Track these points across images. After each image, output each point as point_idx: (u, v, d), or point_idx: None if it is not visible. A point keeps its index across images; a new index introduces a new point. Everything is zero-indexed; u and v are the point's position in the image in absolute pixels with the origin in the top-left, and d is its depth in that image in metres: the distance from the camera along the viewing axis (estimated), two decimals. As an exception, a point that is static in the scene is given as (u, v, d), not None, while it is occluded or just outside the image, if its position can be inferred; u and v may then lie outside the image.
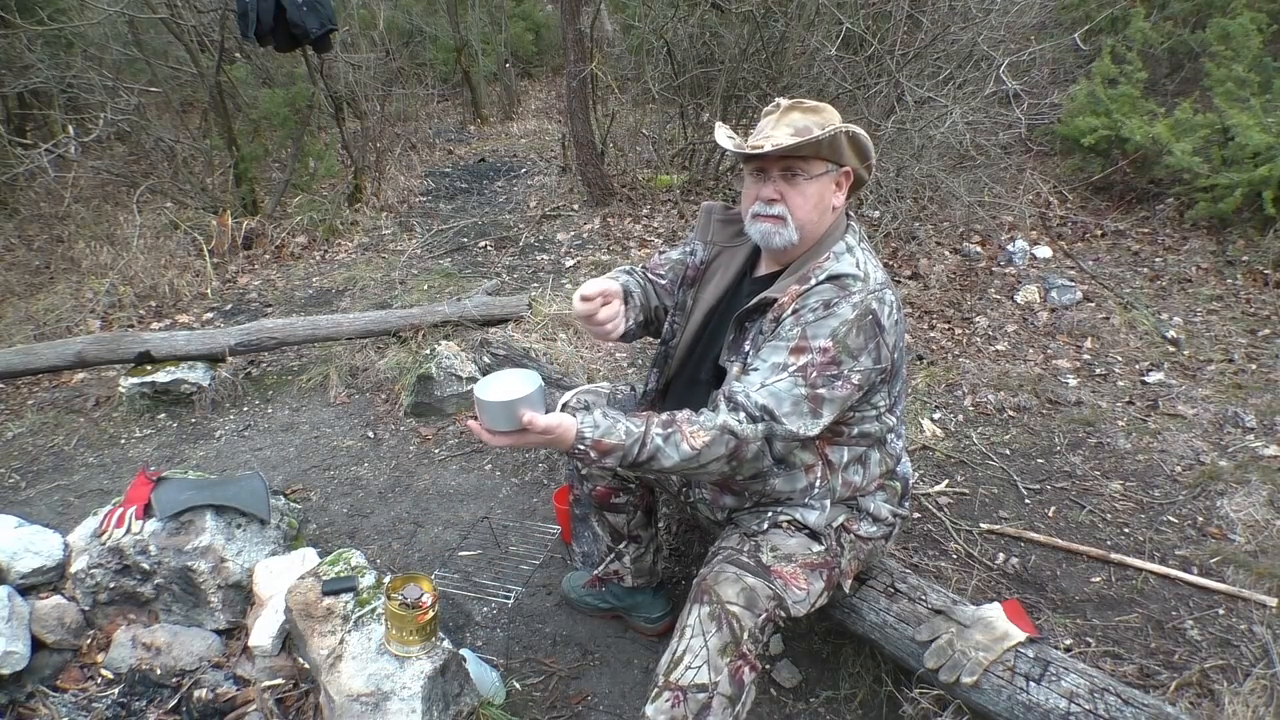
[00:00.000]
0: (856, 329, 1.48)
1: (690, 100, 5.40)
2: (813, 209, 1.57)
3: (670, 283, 1.88)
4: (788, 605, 1.54)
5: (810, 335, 1.47)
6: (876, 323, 1.51)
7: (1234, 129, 3.95)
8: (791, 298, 1.53)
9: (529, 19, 10.02)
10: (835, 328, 1.47)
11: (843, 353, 1.48)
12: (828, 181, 1.58)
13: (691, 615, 1.48)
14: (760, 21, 4.65)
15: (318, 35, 4.73)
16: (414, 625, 1.65)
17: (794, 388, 1.46)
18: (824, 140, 1.50)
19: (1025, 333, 3.63)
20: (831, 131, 1.50)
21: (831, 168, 1.58)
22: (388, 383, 3.47)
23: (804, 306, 1.50)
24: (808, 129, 1.52)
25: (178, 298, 4.50)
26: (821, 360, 1.47)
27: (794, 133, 1.53)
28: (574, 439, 1.44)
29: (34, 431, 3.36)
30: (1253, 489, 2.50)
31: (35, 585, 2.10)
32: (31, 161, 4.76)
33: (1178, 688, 1.84)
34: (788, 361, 1.47)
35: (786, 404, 1.46)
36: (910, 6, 3.89)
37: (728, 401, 1.49)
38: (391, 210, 5.84)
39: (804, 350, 1.47)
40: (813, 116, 1.56)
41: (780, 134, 1.54)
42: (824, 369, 1.47)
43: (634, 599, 2.15)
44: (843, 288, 1.50)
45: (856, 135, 1.55)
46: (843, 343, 1.47)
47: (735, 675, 1.44)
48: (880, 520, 1.72)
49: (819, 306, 1.49)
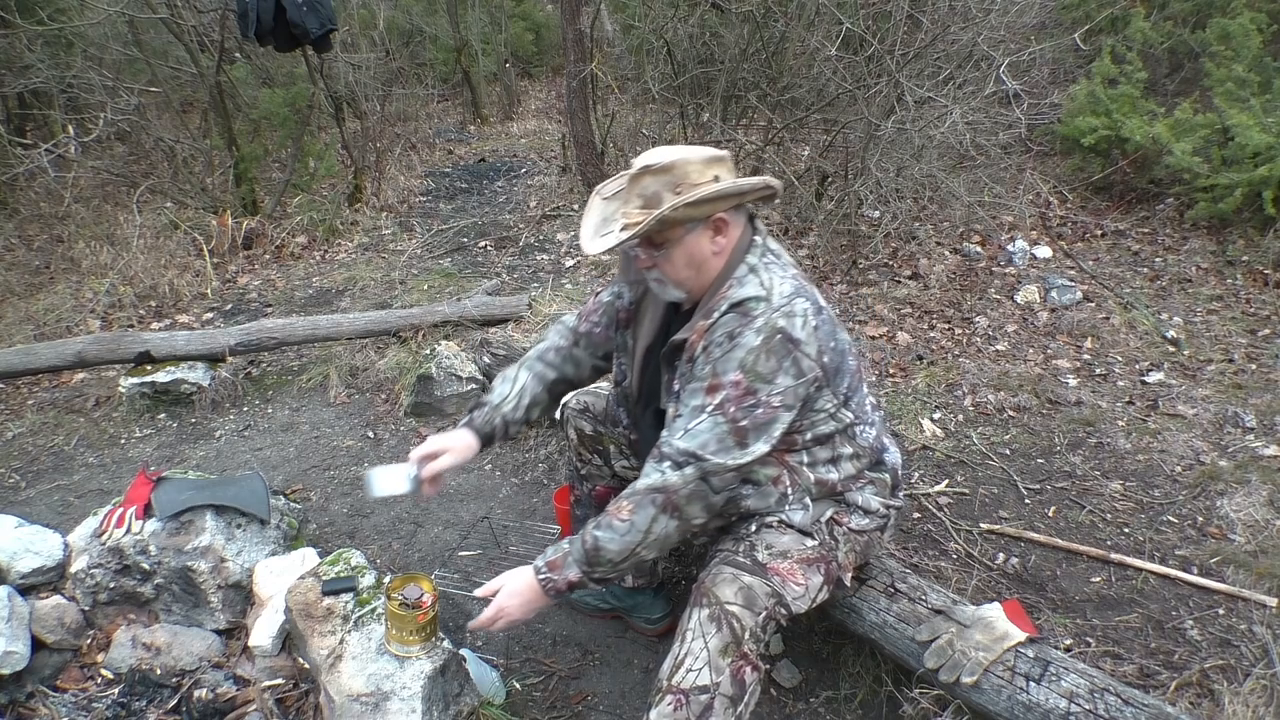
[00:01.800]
0: (765, 353, 1.47)
1: (690, 100, 5.40)
2: (684, 268, 1.56)
3: (605, 328, 1.88)
4: (788, 602, 1.54)
5: (720, 371, 1.47)
6: (788, 339, 1.48)
7: (1234, 129, 3.95)
8: (699, 334, 1.53)
9: (529, 19, 10.01)
10: (742, 358, 1.46)
11: (755, 381, 1.47)
12: (696, 237, 1.53)
13: (691, 619, 1.48)
14: (760, 21, 4.65)
15: (318, 35, 4.73)
16: (414, 625, 1.65)
17: (715, 426, 1.47)
18: (650, 227, 1.48)
19: (1025, 333, 3.63)
20: (655, 218, 1.46)
21: (693, 225, 1.52)
22: (388, 383, 3.47)
23: (710, 342, 1.50)
24: (657, 195, 1.50)
25: (178, 298, 4.50)
26: (736, 394, 1.46)
27: (643, 204, 1.52)
28: (533, 576, 1.55)
29: (34, 431, 3.36)
30: (1253, 489, 2.50)
31: (35, 585, 2.10)
32: (31, 161, 4.76)
33: (1178, 688, 1.84)
34: (705, 402, 1.48)
35: (711, 443, 1.47)
36: (910, 6, 3.89)
37: (655, 455, 1.52)
38: (391, 210, 5.84)
39: (717, 388, 1.47)
40: (663, 178, 1.50)
41: (631, 208, 1.54)
42: (740, 401, 1.47)
43: (634, 599, 2.15)
44: (745, 314, 1.49)
45: (700, 199, 1.48)
46: (753, 371, 1.46)
47: (737, 675, 1.44)
48: (871, 512, 1.71)
49: (724, 340, 1.48)
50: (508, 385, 1.87)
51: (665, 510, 1.49)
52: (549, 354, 1.91)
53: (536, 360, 1.91)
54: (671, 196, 1.48)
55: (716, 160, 1.54)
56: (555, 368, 1.90)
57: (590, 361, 1.92)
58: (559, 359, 1.90)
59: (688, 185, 1.49)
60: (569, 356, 1.90)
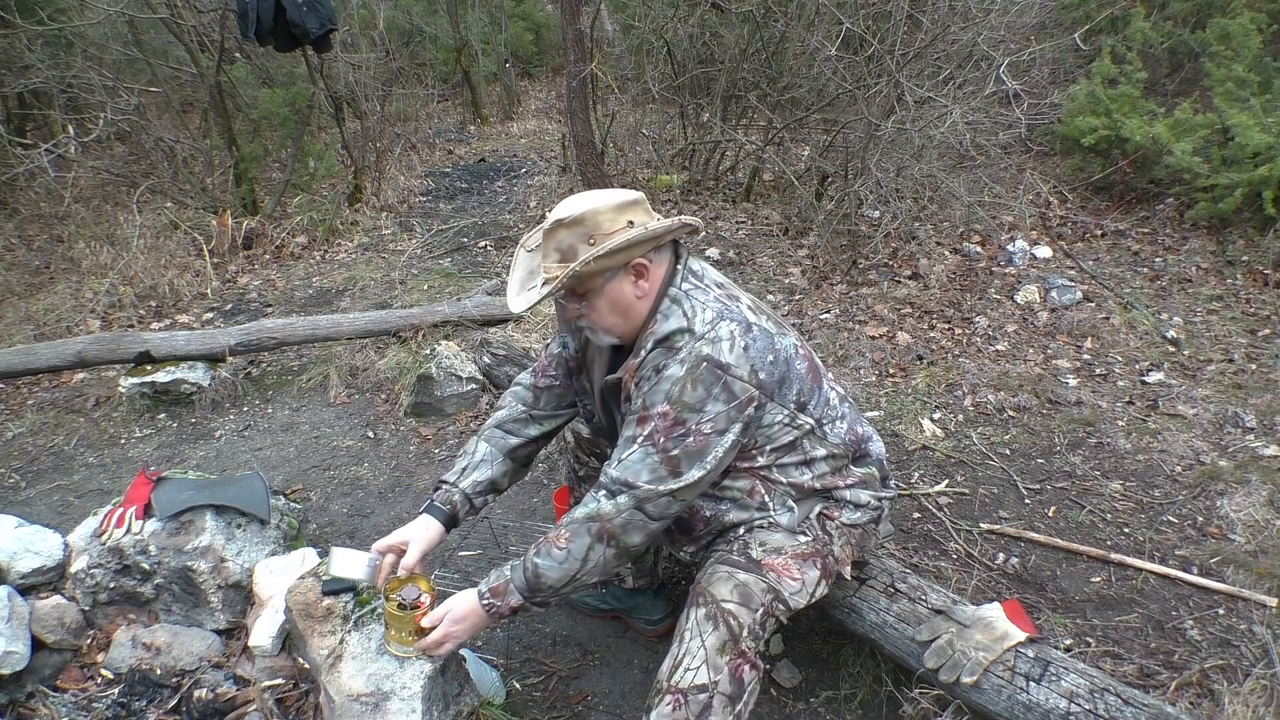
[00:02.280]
0: (691, 383, 1.46)
1: (690, 100, 5.40)
2: (609, 315, 1.57)
3: (563, 380, 1.87)
4: (785, 597, 1.54)
5: (648, 404, 1.49)
6: (714, 365, 1.46)
7: (1234, 129, 3.95)
8: (630, 373, 1.56)
9: (529, 19, 10.01)
10: (668, 390, 1.47)
11: (683, 411, 1.46)
12: (617, 284, 1.54)
13: (689, 619, 1.49)
14: (760, 21, 4.66)
15: (318, 35, 4.73)
16: (412, 626, 1.65)
17: (646, 456, 1.48)
18: (564, 283, 1.49)
19: (1025, 333, 3.63)
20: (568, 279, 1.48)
21: (611, 273, 1.53)
22: (388, 383, 3.47)
23: (640, 378, 1.53)
24: (572, 249, 1.49)
25: (178, 298, 4.50)
26: (664, 425, 1.47)
27: (560, 258, 1.51)
28: (476, 600, 1.58)
29: (34, 431, 3.36)
30: (1253, 489, 2.50)
31: (35, 585, 2.10)
32: (31, 161, 4.76)
33: (1178, 688, 1.84)
34: (636, 434, 1.50)
35: (643, 473, 1.48)
36: (910, 6, 3.89)
37: (596, 485, 1.54)
38: (391, 210, 5.84)
39: (646, 419, 1.49)
40: (576, 230, 1.49)
41: (550, 263, 1.53)
42: (670, 431, 1.47)
43: (634, 600, 2.15)
44: (669, 348, 1.49)
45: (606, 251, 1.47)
46: (679, 401, 1.46)
47: (735, 674, 1.44)
48: (862, 506, 1.71)
49: (651, 374, 1.50)
50: (465, 459, 1.85)
51: (601, 539, 1.50)
52: (507, 424, 1.88)
53: (494, 429, 1.88)
54: (586, 248, 1.48)
55: (629, 205, 1.53)
56: (516, 434, 1.87)
57: (555, 419, 1.90)
58: (518, 427, 1.88)
59: (600, 235, 1.49)
60: (529, 419, 1.88)
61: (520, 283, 1.65)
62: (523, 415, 1.88)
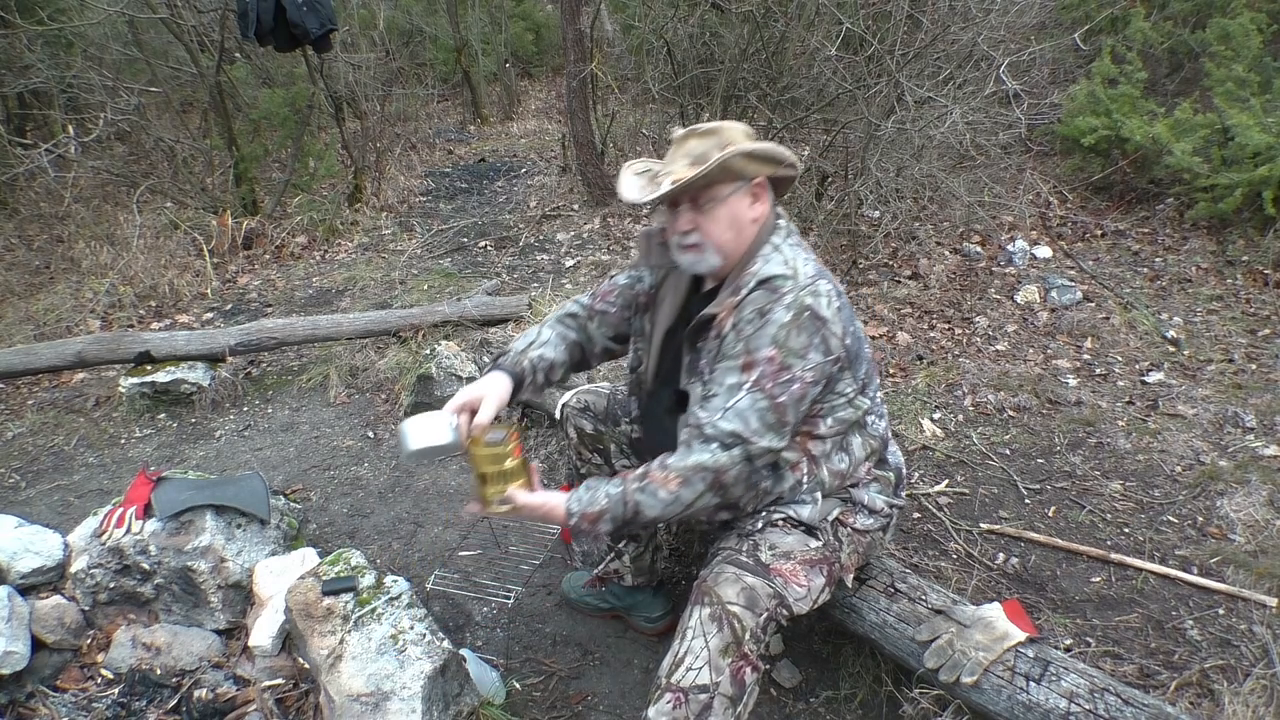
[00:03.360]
0: (796, 329, 1.49)
1: (690, 100, 5.40)
2: (726, 229, 1.59)
3: (620, 310, 1.88)
4: (789, 603, 1.54)
5: (753, 348, 1.49)
6: (815, 316, 1.51)
7: (1234, 129, 3.95)
8: (728, 310, 1.55)
9: (529, 19, 10.01)
10: (774, 334, 1.49)
11: (789, 356, 1.49)
12: (739, 199, 1.58)
13: (692, 617, 1.49)
14: (760, 21, 4.65)
15: (318, 35, 4.74)
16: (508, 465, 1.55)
17: (754, 403, 1.48)
18: (712, 172, 1.51)
19: (1025, 333, 3.63)
20: (720, 160, 1.50)
21: (739, 185, 1.58)
22: (388, 383, 3.47)
23: (740, 319, 1.52)
24: (704, 155, 1.54)
25: (178, 298, 4.50)
26: (771, 369, 1.48)
27: (691, 161, 1.55)
28: (564, 514, 1.53)
29: (34, 431, 3.36)
30: (1253, 489, 2.50)
31: (35, 585, 2.10)
32: (31, 161, 4.76)
33: (1178, 688, 1.84)
34: (741, 380, 1.49)
35: (753, 420, 1.48)
36: (910, 6, 3.89)
37: (697, 434, 1.51)
38: (391, 210, 5.84)
39: (752, 364, 1.49)
40: (709, 140, 1.56)
41: (678, 166, 1.57)
42: (776, 376, 1.48)
43: (634, 598, 2.15)
44: (773, 290, 1.51)
45: (754, 151, 1.54)
46: (785, 346, 1.49)
47: (737, 675, 1.44)
48: (876, 512, 1.72)
49: (754, 316, 1.51)
50: (530, 336, 1.86)
51: (712, 489, 1.50)
52: (566, 319, 1.90)
53: (555, 321, 1.90)
54: (719, 153, 1.52)
55: (751, 134, 1.60)
56: (574, 330, 1.90)
57: (602, 340, 1.91)
58: (576, 325, 1.91)
59: (733, 146, 1.53)
60: (584, 327, 1.91)
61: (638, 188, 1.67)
62: (581, 319, 1.91)
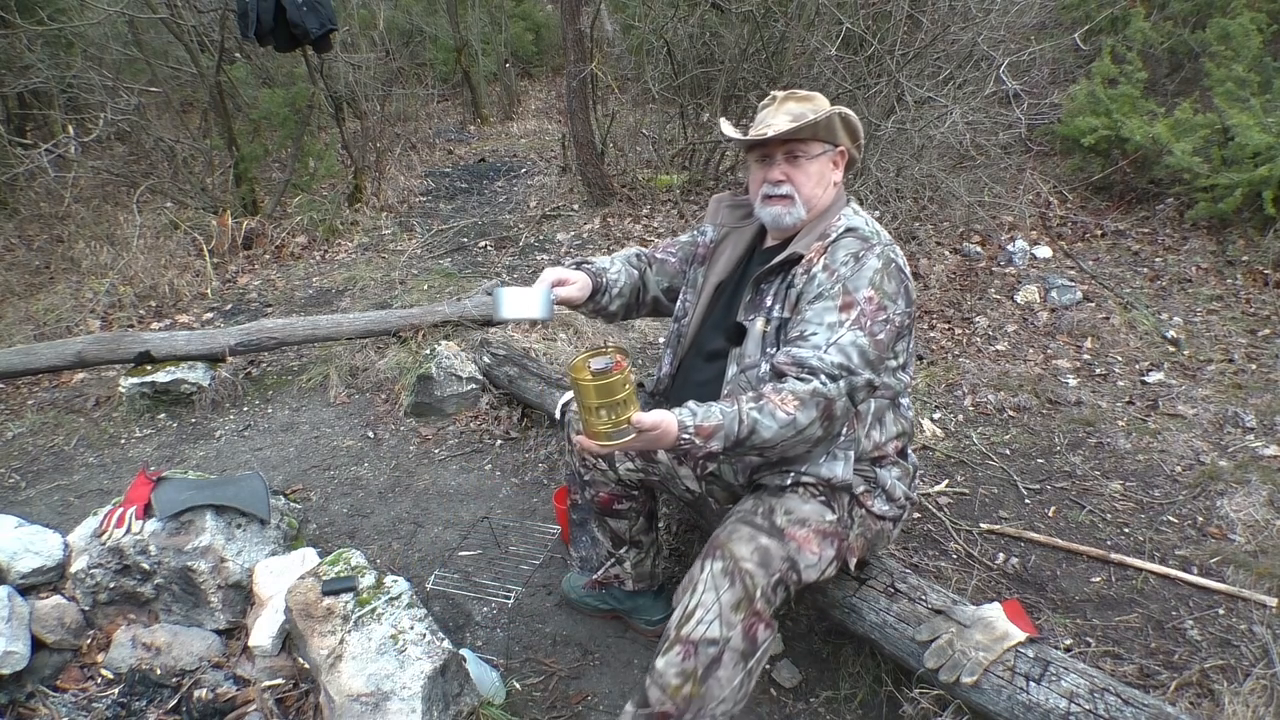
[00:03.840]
0: (886, 275, 1.59)
1: (690, 100, 5.40)
2: (815, 185, 1.69)
3: (680, 261, 1.96)
4: (800, 569, 1.55)
5: (852, 288, 1.56)
6: (900, 270, 1.62)
7: (1234, 129, 3.95)
8: (818, 252, 1.62)
9: (529, 19, 10.02)
10: (871, 277, 1.57)
11: (884, 298, 1.57)
12: (826, 160, 1.70)
13: (703, 570, 1.49)
14: (760, 21, 4.65)
15: (318, 35, 4.74)
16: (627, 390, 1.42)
17: (857, 339, 1.54)
18: (821, 122, 1.63)
19: (1025, 333, 3.63)
20: (827, 114, 1.63)
21: (828, 148, 1.70)
22: (388, 383, 3.47)
23: (834, 261, 1.59)
24: (803, 114, 1.66)
25: (178, 298, 4.50)
26: (870, 308, 1.56)
27: (792, 119, 1.66)
28: (678, 430, 1.46)
29: (34, 431, 3.37)
30: (1253, 489, 2.50)
31: (35, 585, 2.10)
32: (31, 161, 4.76)
33: (1178, 688, 1.84)
34: (841, 318, 1.55)
35: (855, 355, 1.53)
36: (910, 6, 3.89)
37: (799, 368, 1.52)
38: (391, 210, 5.84)
39: (852, 304, 1.56)
40: (807, 104, 1.70)
41: (780, 121, 1.67)
42: (874, 315, 1.56)
43: (634, 602, 2.15)
44: (864, 239, 1.61)
45: (848, 117, 1.68)
46: (881, 289, 1.57)
47: (749, 631, 1.45)
48: (893, 500, 1.73)
49: (849, 260, 1.59)
50: (606, 262, 1.91)
51: (823, 417, 1.52)
52: (633, 258, 1.97)
53: (624, 259, 1.95)
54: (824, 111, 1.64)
55: None
56: (638, 271, 1.95)
57: (655, 289, 1.97)
58: (641, 264, 1.96)
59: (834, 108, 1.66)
60: (644, 271, 1.97)
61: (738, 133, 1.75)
62: (644, 262, 1.97)
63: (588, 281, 1.81)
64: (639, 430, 1.44)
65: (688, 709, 1.44)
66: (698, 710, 1.44)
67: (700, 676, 1.43)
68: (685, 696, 1.43)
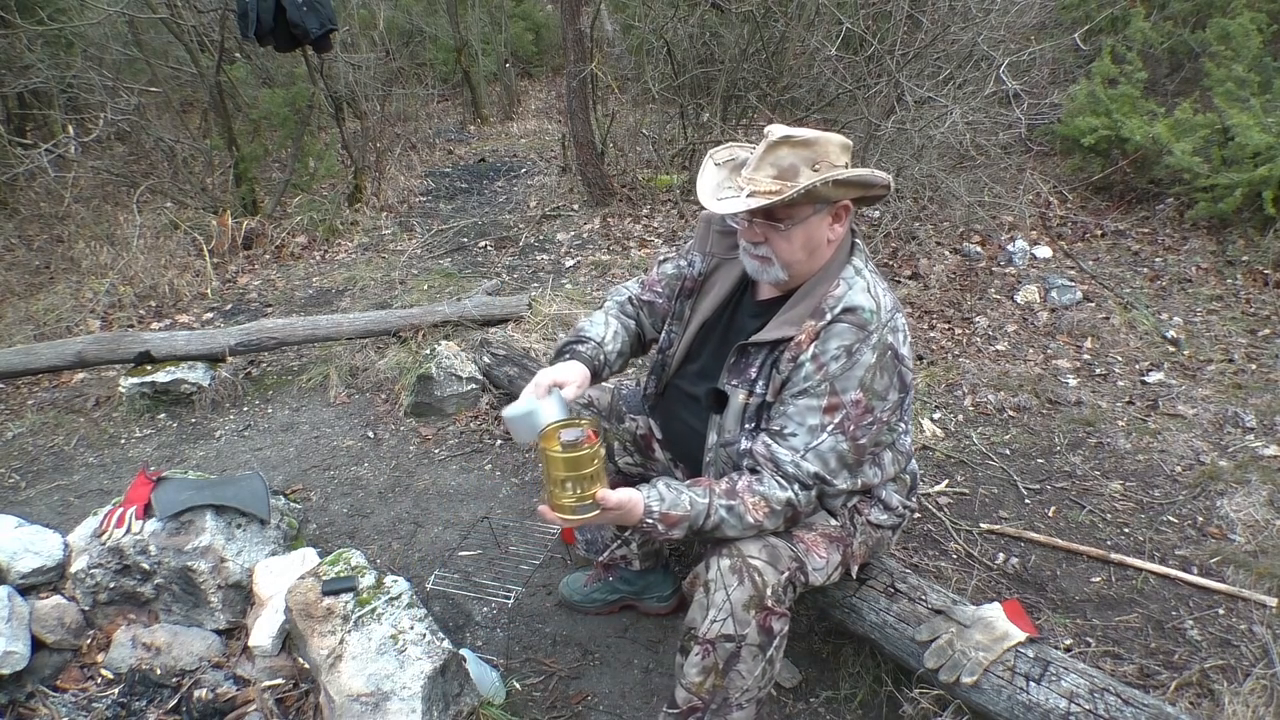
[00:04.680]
0: (879, 371, 1.48)
1: (690, 100, 5.40)
2: (799, 250, 1.51)
3: (666, 300, 1.86)
4: (808, 570, 1.56)
5: (840, 389, 1.47)
6: (895, 355, 1.51)
7: (1234, 129, 3.95)
8: (809, 335, 1.48)
9: (529, 19, 10.02)
10: (862, 377, 1.47)
11: (873, 399, 1.49)
12: (818, 221, 1.50)
13: (711, 569, 1.49)
14: (760, 21, 4.65)
15: (318, 35, 4.73)
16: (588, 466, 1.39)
17: (836, 445, 1.50)
18: (791, 198, 1.42)
19: (1025, 333, 3.63)
20: (804, 188, 1.40)
21: (820, 208, 1.49)
22: (388, 383, 3.47)
23: (825, 353, 1.46)
24: (793, 168, 1.43)
25: (178, 298, 4.50)
26: (856, 413, 1.48)
27: (777, 174, 1.44)
28: (642, 514, 1.46)
29: (34, 431, 3.36)
30: (1253, 489, 2.50)
31: (35, 585, 2.10)
32: (31, 161, 4.76)
33: (1178, 688, 1.84)
34: (824, 421, 1.48)
35: (833, 462, 1.51)
36: (910, 6, 3.89)
37: (776, 469, 1.50)
38: (391, 210, 5.84)
39: (837, 407, 1.47)
40: (802, 152, 1.43)
41: (762, 176, 1.45)
42: (859, 420, 1.49)
43: (644, 580, 2.17)
44: (861, 327, 1.46)
45: (846, 180, 1.44)
46: (871, 390, 1.48)
47: (764, 625, 1.46)
48: (891, 509, 1.73)
49: (841, 354, 1.46)
50: (600, 327, 1.82)
51: (788, 520, 1.54)
52: (627, 306, 1.90)
53: (617, 311, 1.89)
54: (810, 172, 1.43)
55: (848, 148, 1.50)
56: (633, 319, 1.89)
57: (651, 331, 1.91)
58: (633, 310, 1.90)
59: (826, 165, 1.44)
60: (637, 315, 1.90)
61: (712, 190, 1.57)
62: (636, 306, 1.90)
63: (585, 375, 1.69)
64: (603, 508, 1.41)
65: (714, 699, 1.51)
66: (724, 699, 1.51)
67: (722, 670, 1.48)
68: (710, 689, 1.50)
